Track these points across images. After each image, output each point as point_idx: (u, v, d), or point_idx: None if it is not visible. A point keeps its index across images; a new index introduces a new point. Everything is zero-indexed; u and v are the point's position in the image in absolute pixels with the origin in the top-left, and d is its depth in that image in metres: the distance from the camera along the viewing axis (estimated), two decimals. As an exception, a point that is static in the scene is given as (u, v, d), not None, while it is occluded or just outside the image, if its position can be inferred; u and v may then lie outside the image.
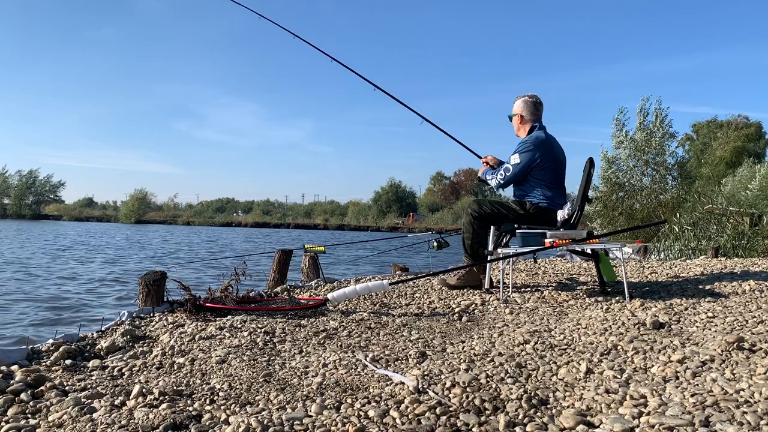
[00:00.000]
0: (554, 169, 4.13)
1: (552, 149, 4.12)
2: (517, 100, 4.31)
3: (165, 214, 64.62)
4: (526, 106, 4.25)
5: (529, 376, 2.22)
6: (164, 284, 3.71)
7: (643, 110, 16.04)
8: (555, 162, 4.14)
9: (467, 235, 4.18)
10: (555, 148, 4.17)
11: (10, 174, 68.28)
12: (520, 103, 4.27)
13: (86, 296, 8.54)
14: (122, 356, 2.66)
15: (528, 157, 4.05)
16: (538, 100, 4.29)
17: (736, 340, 2.37)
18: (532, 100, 4.27)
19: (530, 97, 4.28)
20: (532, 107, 4.25)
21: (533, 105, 4.25)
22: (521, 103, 4.27)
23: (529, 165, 4.06)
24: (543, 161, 4.05)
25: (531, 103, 4.26)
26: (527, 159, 4.05)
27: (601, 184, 15.86)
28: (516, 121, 4.29)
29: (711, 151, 31.83)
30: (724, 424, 1.60)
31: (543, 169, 4.06)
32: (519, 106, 4.27)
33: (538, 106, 4.27)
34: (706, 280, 4.50)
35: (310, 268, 5.30)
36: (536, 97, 4.29)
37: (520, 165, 4.07)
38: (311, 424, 1.76)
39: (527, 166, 4.06)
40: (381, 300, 4.01)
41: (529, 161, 4.05)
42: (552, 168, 4.10)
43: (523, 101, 4.27)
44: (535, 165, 4.05)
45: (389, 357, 2.54)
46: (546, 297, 3.94)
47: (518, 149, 4.11)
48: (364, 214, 62.22)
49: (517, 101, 4.30)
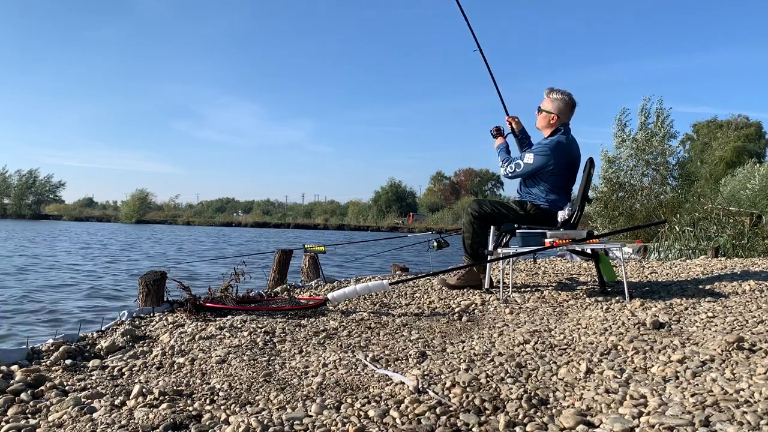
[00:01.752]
0: (564, 175, 4.07)
1: (568, 155, 4.03)
2: (553, 97, 4.06)
3: (165, 214, 64.60)
4: (565, 107, 4.04)
5: (529, 376, 2.22)
6: (164, 284, 3.71)
7: (645, 110, 16.05)
8: (567, 168, 4.06)
9: (467, 235, 4.18)
10: (571, 154, 4.06)
11: (10, 174, 68.34)
12: (559, 103, 4.03)
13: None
14: (122, 356, 2.66)
15: (541, 161, 3.99)
16: (575, 102, 4.10)
17: (736, 340, 2.37)
18: (572, 103, 4.07)
19: (568, 97, 4.06)
20: (569, 110, 4.07)
21: (570, 108, 4.07)
22: (561, 104, 4.03)
23: (540, 168, 4.01)
24: (555, 167, 3.98)
25: (570, 104, 4.07)
26: (540, 163, 3.99)
27: (601, 184, 15.86)
28: (548, 118, 4.06)
29: (711, 151, 31.86)
30: (724, 424, 1.61)
31: (553, 174, 4.01)
32: (557, 106, 4.03)
33: (574, 109, 4.10)
34: (706, 280, 4.50)
35: (310, 268, 5.30)
36: (573, 99, 4.08)
37: (532, 166, 4.02)
38: (311, 424, 1.76)
39: (538, 169, 4.01)
40: (381, 300, 4.01)
41: (542, 165, 3.99)
42: (562, 174, 4.04)
43: (562, 101, 4.04)
44: (547, 170, 4.00)
45: (389, 357, 2.54)
46: (546, 297, 3.94)
47: (535, 150, 4.05)
48: (364, 214, 62.18)
49: (555, 99, 4.05)
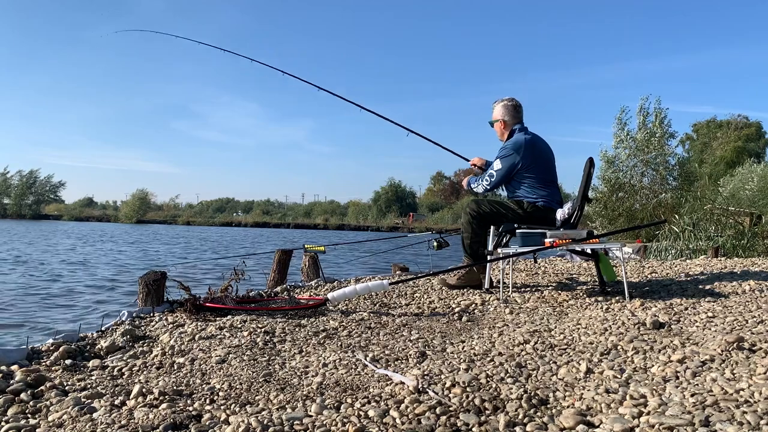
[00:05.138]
0: (541, 168, 4.14)
1: (534, 149, 4.12)
2: (496, 106, 4.30)
3: (165, 214, 64.56)
4: (506, 110, 4.25)
5: (529, 375, 2.22)
6: (164, 284, 3.72)
7: (643, 110, 16.03)
8: (540, 161, 4.14)
9: (466, 235, 4.19)
10: (538, 148, 4.16)
11: (11, 174, 68.30)
12: (500, 108, 4.27)
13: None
14: (122, 356, 2.66)
15: (509, 162, 4.08)
16: (517, 103, 4.27)
17: (736, 340, 2.37)
18: (512, 104, 4.25)
19: (509, 100, 4.27)
20: (512, 111, 4.24)
21: (513, 108, 4.25)
22: (502, 108, 4.26)
23: (511, 170, 4.09)
24: (526, 163, 4.06)
25: (511, 107, 4.25)
26: (508, 164, 4.09)
27: (600, 184, 15.85)
28: (499, 126, 4.28)
29: (711, 151, 31.86)
30: (724, 423, 1.61)
31: (529, 169, 4.08)
32: (500, 112, 4.26)
33: (519, 109, 4.27)
34: (706, 280, 4.50)
35: (310, 268, 5.30)
36: (515, 100, 4.28)
37: (502, 170, 4.11)
38: (311, 424, 1.76)
39: (510, 171, 4.10)
40: (381, 300, 4.01)
41: (511, 166, 4.08)
42: (538, 167, 4.11)
43: (503, 106, 4.26)
44: (519, 168, 4.07)
45: (389, 357, 2.54)
46: (546, 297, 3.94)
47: (499, 155, 4.16)
48: (364, 214, 62.11)
49: (497, 107, 4.29)
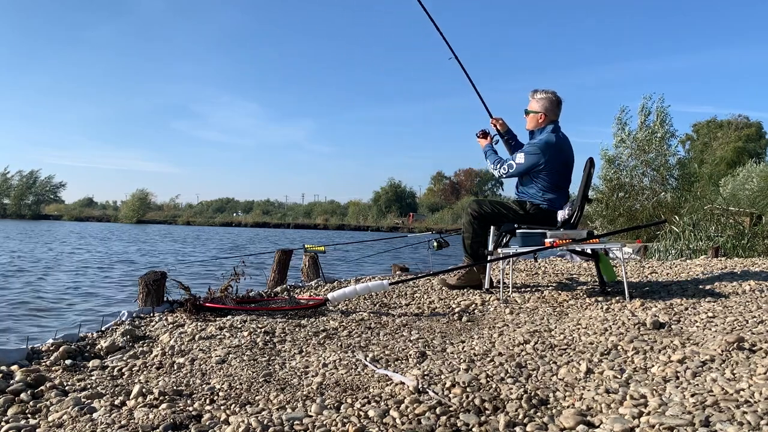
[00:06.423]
0: (559, 173, 4.06)
1: (560, 153, 4.03)
2: (538, 97, 4.07)
3: (165, 214, 64.53)
4: (551, 105, 4.05)
5: (529, 376, 2.22)
6: (164, 284, 3.72)
7: (645, 109, 16.02)
8: (561, 165, 4.05)
9: (467, 235, 4.18)
10: (564, 152, 4.06)
11: (11, 174, 68.26)
12: (545, 102, 4.05)
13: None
14: (122, 356, 2.66)
15: (532, 161, 3.98)
16: (560, 98, 4.09)
17: (736, 340, 2.37)
18: (557, 99, 4.07)
19: (553, 94, 4.07)
20: (556, 107, 4.07)
21: (557, 104, 4.08)
22: (546, 102, 4.05)
23: (531, 168, 4.00)
24: (547, 165, 3.97)
25: (556, 102, 4.06)
26: (531, 162, 3.99)
27: (601, 184, 15.84)
28: (536, 118, 4.07)
29: (711, 151, 31.84)
30: (724, 424, 1.60)
31: (547, 172, 4.00)
32: (543, 105, 4.04)
33: (560, 105, 4.11)
34: (706, 280, 4.50)
35: (310, 268, 5.30)
36: (558, 95, 4.09)
37: (523, 166, 4.02)
38: (311, 424, 1.76)
39: (530, 168, 4.01)
40: (381, 300, 4.00)
41: (533, 165, 3.99)
42: (556, 171, 4.03)
43: (548, 99, 4.05)
44: (539, 168, 3.99)
45: (389, 357, 2.54)
46: (546, 297, 3.93)
47: (526, 150, 4.05)
48: (364, 214, 62.07)
49: (540, 98, 4.07)
